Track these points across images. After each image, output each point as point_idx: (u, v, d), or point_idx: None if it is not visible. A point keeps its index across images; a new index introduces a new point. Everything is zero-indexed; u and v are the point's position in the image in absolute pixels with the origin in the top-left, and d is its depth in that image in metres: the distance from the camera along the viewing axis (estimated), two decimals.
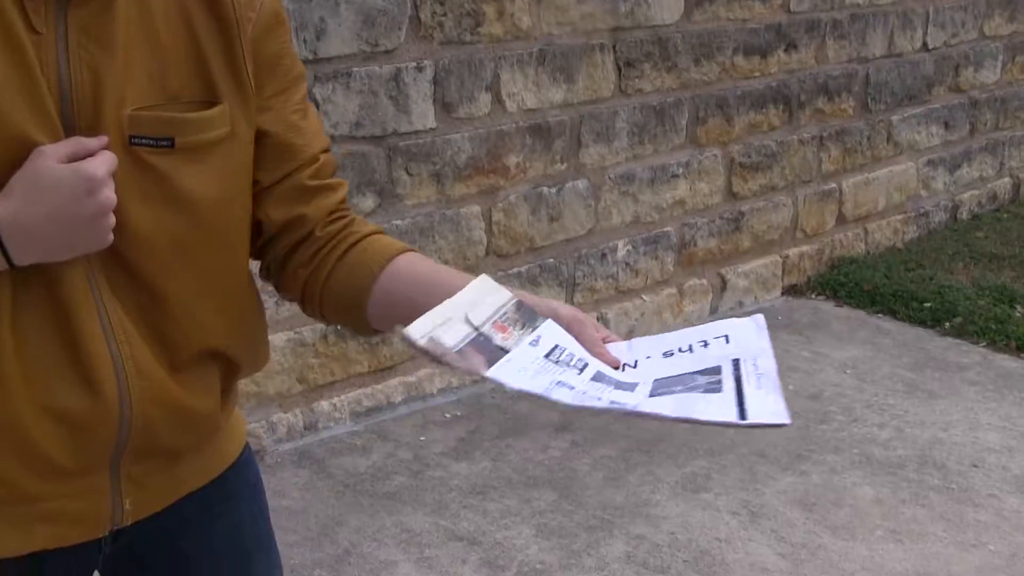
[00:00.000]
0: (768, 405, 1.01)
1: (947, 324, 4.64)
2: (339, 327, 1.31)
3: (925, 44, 5.52)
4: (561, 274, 4.19)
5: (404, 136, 3.61)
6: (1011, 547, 3.05)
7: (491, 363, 1.04)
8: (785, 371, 4.38)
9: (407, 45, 3.57)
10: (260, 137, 1.19)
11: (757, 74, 4.73)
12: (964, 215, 6.08)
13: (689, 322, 4.65)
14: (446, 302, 1.07)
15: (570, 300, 4.23)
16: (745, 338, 1.13)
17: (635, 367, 1.11)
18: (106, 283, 1.10)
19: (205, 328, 1.19)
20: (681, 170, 4.52)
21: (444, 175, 3.74)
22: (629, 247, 4.40)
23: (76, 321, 1.09)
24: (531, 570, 2.91)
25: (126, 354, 1.12)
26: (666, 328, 4.51)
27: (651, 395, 1.04)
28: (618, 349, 1.14)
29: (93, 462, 1.16)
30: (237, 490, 1.36)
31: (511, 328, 1.09)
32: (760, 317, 1.16)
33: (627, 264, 4.40)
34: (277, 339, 3.43)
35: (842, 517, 3.19)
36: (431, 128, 3.68)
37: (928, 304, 4.79)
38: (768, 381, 1.05)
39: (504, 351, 1.06)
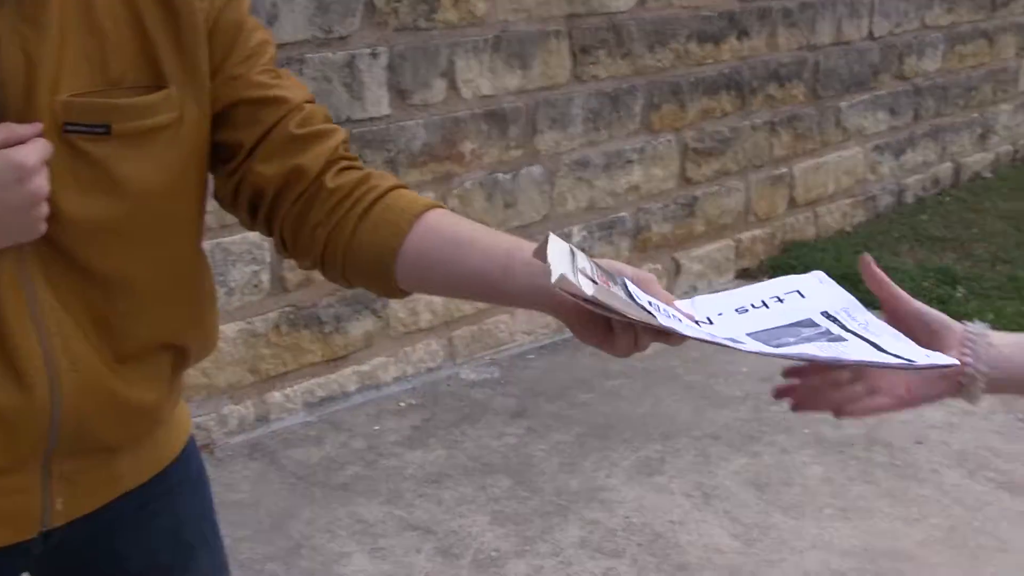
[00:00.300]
0: (917, 349, 1.00)
1: None
2: (362, 288, 1.22)
3: (871, 33, 5.60)
4: None
5: (358, 123, 3.61)
6: (950, 520, 3.13)
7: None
8: (738, 353, 4.47)
9: (361, 31, 3.57)
10: (232, 107, 1.14)
11: (710, 61, 4.77)
12: (909, 199, 6.18)
13: None
14: (552, 255, 0.96)
15: None
16: (818, 292, 1.11)
17: (712, 324, 1.07)
18: (40, 273, 1.06)
19: (154, 317, 1.15)
20: (636, 156, 4.56)
21: (398, 162, 3.74)
22: (584, 233, 4.44)
23: (3, 313, 1.04)
24: (486, 558, 2.94)
25: (58, 347, 1.08)
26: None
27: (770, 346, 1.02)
28: (684, 307, 1.09)
29: (21, 459, 1.12)
30: (179, 485, 1.32)
31: (611, 284, 1.00)
32: (821, 273, 1.15)
33: (583, 249, 4.40)
34: (228, 329, 3.41)
35: (793, 496, 3.25)
36: (385, 115, 3.69)
37: None
38: (882, 328, 1.04)
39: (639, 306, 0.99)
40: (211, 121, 1.15)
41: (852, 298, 1.11)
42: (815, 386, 1.13)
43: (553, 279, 0.91)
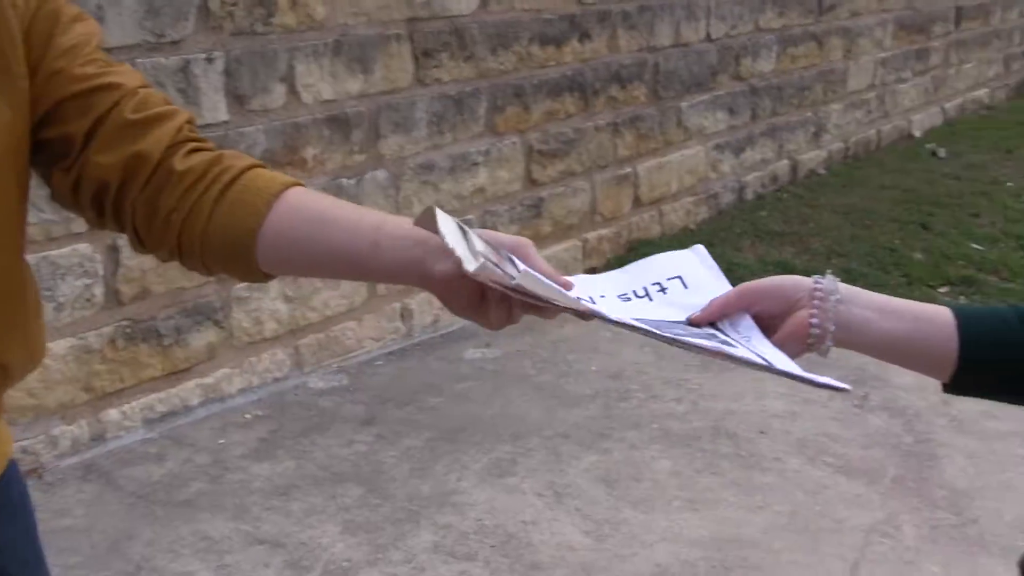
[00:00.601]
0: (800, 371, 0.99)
1: None
2: (224, 275, 1.14)
3: (708, 35, 5.75)
4: None
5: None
6: (793, 505, 3.23)
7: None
8: (588, 352, 4.49)
9: (196, 36, 3.48)
10: (59, 103, 1.07)
11: (552, 63, 4.82)
12: (749, 196, 6.37)
13: None
14: (444, 231, 0.92)
15: (373, 292, 4.23)
16: (698, 280, 1.10)
17: (595, 304, 1.04)
18: None
19: None
20: (481, 158, 4.57)
21: None
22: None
23: None
24: (337, 568, 2.90)
25: None
26: None
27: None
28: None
29: None
30: None
31: (507, 264, 0.96)
32: (701, 248, 1.13)
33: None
34: (58, 347, 3.28)
35: (642, 491, 3.30)
36: (224, 121, 3.60)
37: None
38: (765, 342, 1.04)
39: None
40: (39, 121, 1.08)
41: (728, 284, 1.10)
42: None
43: (469, 268, 0.87)
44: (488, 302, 1.00)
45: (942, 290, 5.09)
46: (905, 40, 7.97)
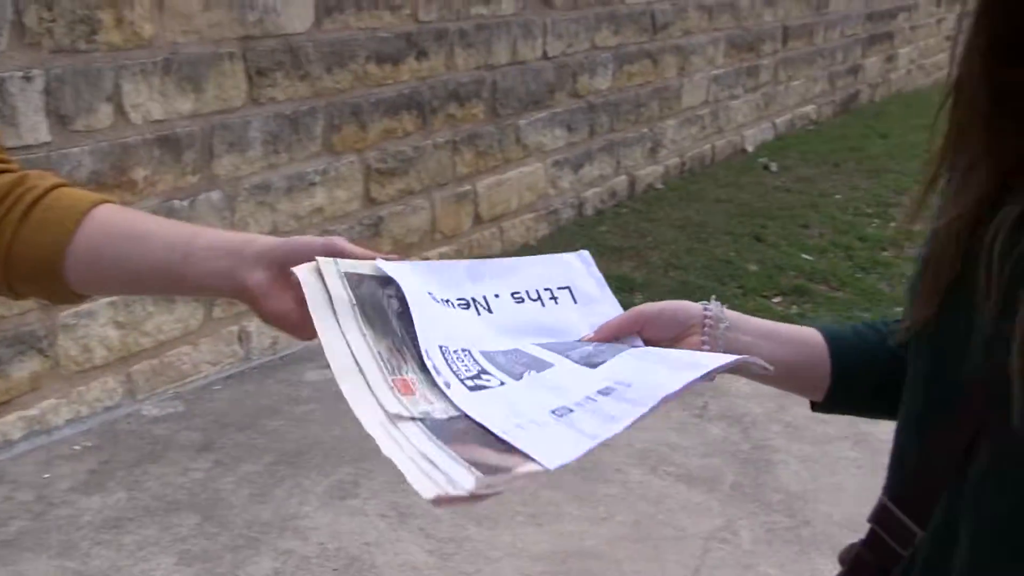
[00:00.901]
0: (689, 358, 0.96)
1: None
2: (36, 298, 1.07)
3: (545, 53, 5.83)
4: None
5: (13, 151, 3.36)
6: (635, 515, 3.28)
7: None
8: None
9: (11, 53, 3.34)
10: None
11: (390, 81, 4.80)
12: (589, 211, 6.47)
13: None
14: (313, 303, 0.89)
15: (209, 315, 4.12)
16: (586, 290, 1.09)
17: (492, 314, 1.02)
18: None
19: None
20: (318, 178, 4.52)
21: None
22: None
23: None
24: None
25: None
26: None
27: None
28: (455, 271, 1.03)
29: None
30: None
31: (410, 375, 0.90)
32: (586, 254, 1.12)
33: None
34: None
35: (486, 507, 3.30)
36: (45, 142, 3.46)
37: None
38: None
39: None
40: None
41: (614, 299, 1.10)
42: None
43: (426, 496, 0.79)
44: (305, 311, 0.97)
45: (775, 300, 5.26)
46: (736, 58, 8.24)
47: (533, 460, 0.81)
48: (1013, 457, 0.82)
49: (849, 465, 3.60)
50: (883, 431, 1.05)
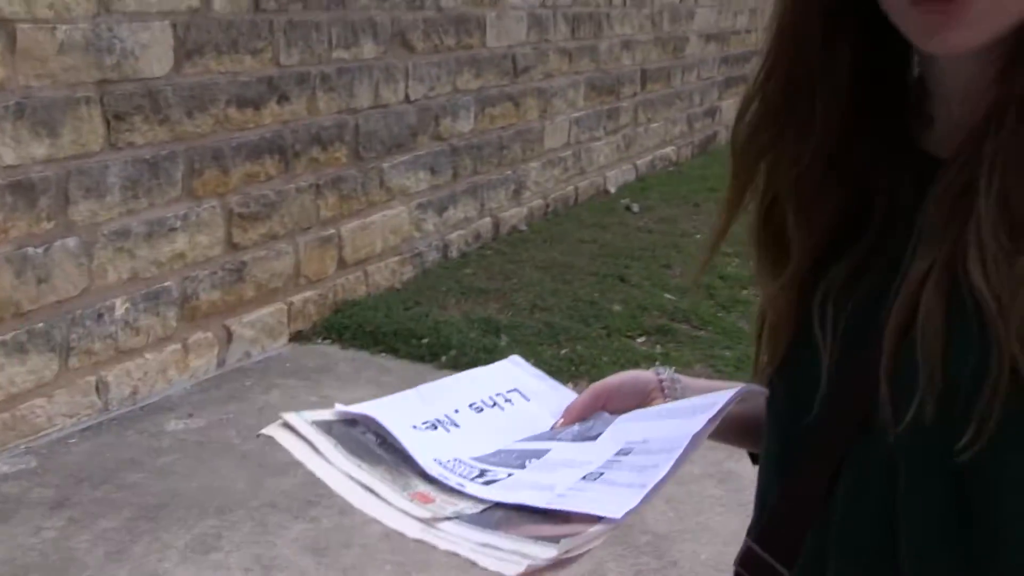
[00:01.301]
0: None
1: (443, 357, 4.95)
2: None
3: (408, 96, 5.87)
4: (53, 339, 3.96)
5: None
6: None
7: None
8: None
9: None
10: None
11: (251, 125, 4.78)
12: (454, 253, 6.52)
13: (196, 377, 4.58)
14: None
15: (64, 366, 4.01)
16: (532, 386, 1.11)
17: (459, 427, 1.02)
18: None
19: None
20: (179, 223, 4.45)
21: None
22: (128, 305, 4.26)
23: None
24: None
25: None
26: (171, 386, 4.42)
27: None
28: (409, 400, 1.05)
29: None
30: None
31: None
32: (517, 357, 1.15)
33: (127, 323, 4.25)
34: None
35: (353, 557, 3.29)
36: None
37: (425, 340, 5.08)
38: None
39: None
40: None
41: (562, 386, 1.12)
42: None
43: (512, 574, 0.78)
44: None
45: (639, 340, 5.38)
46: (596, 100, 8.43)
47: (596, 516, 0.80)
48: (873, 491, 0.84)
49: (715, 504, 3.68)
50: (747, 469, 1.09)
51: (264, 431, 0.95)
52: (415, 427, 1.01)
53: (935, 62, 0.89)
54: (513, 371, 1.14)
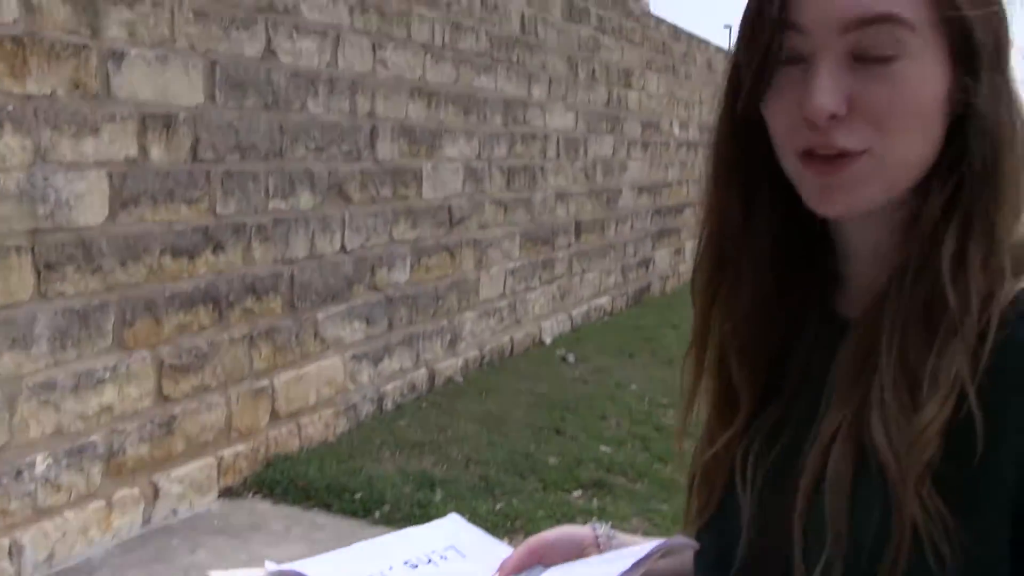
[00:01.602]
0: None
1: (377, 513, 4.82)
2: None
3: (344, 246, 5.87)
4: None
5: None
6: None
7: None
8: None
9: None
10: None
11: (186, 275, 4.72)
12: (389, 405, 6.43)
13: (119, 537, 4.39)
14: None
15: None
16: (469, 543, 1.12)
17: None
18: None
19: None
20: (108, 375, 4.34)
21: None
22: (50, 460, 4.10)
23: None
24: None
25: None
26: (92, 547, 4.23)
27: None
28: (345, 556, 1.07)
29: None
30: None
31: None
32: (455, 515, 1.18)
33: (47, 480, 4.09)
34: None
35: None
36: None
37: (359, 495, 4.95)
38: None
39: None
40: None
41: (499, 542, 1.14)
42: None
43: None
44: None
45: (575, 494, 5.30)
46: (532, 251, 8.52)
47: None
48: None
49: None
50: None
51: None
52: None
53: (843, 226, 0.95)
54: (450, 528, 1.17)
